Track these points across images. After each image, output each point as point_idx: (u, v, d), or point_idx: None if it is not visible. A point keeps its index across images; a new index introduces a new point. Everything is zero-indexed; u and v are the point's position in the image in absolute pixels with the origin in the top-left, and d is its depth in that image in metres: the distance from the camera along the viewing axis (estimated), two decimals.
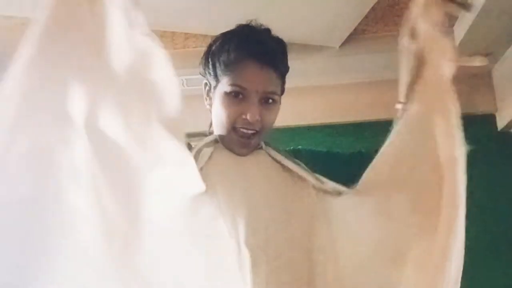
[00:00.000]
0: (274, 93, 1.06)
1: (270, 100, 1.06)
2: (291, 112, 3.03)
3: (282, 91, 1.13)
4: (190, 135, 2.85)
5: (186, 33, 2.62)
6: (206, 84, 1.14)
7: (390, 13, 2.50)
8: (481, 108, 2.92)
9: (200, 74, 1.18)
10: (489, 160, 2.94)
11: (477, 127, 2.96)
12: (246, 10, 2.35)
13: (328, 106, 3.08)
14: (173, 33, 2.61)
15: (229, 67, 1.06)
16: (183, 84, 3.03)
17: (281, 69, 1.08)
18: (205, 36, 2.59)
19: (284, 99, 1.16)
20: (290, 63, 1.11)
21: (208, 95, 1.14)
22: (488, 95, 2.93)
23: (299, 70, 2.99)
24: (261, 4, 2.28)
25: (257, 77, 1.05)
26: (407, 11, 2.51)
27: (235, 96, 1.04)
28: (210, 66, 1.12)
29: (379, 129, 3.04)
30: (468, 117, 2.87)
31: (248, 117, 1.03)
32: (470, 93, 2.97)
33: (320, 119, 3.04)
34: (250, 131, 1.03)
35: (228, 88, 1.04)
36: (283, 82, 1.12)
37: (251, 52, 1.04)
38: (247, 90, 1.03)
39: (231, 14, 2.35)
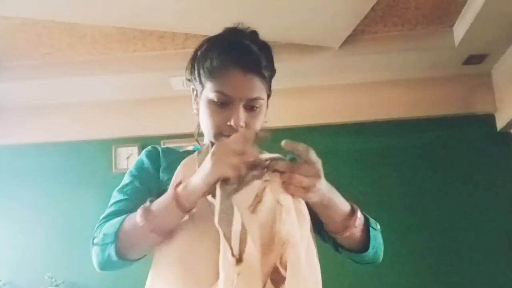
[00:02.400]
0: (258, 98, 1.04)
1: (255, 107, 1.05)
2: (291, 112, 3.03)
3: (269, 95, 1.12)
4: (187, 136, 2.86)
5: (186, 34, 2.63)
6: (193, 89, 1.13)
7: (389, 13, 2.50)
8: (481, 108, 2.94)
9: (186, 79, 1.18)
10: (488, 160, 2.97)
11: (477, 127, 2.97)
12: (246, 10, 2.36)
13: (327, 106, 3.09)
14: (174, 33, 2.61)
15: (212, 74, 1.04)
16: (182, 85, 3.05)
17: (266, 74, 1.06)
18: (205, 36, 2.58)
19: (284, 99, 1.16)
20: (289, 63, 1.11)
21: (195, 100, 1.13)
22: (487, 95, 2.94)
23: (299, 71, 3.00)
24: (260, 5, 2.28)
25: (240, 84, 1.02)
26: (406, 11, 2.53)
27: (220, 105, 1.03)
28: (195, 72, 1.10)
29: (378, 129, 3.08)
30: (468, 117, 2.94)
31: (232, 123, 1.01)
32: (469, 94, 2.98)
33: (320, 119, 3.05)
34: None
35: (212, 95, 1.03)
36: (269, 86, 1.11)
37: (234, 59, 1.01)
38: (231, 97, 1.02)
39: (231, 14, 2.36)
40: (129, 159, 3.05)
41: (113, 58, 2.83)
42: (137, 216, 0.90)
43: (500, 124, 2.88)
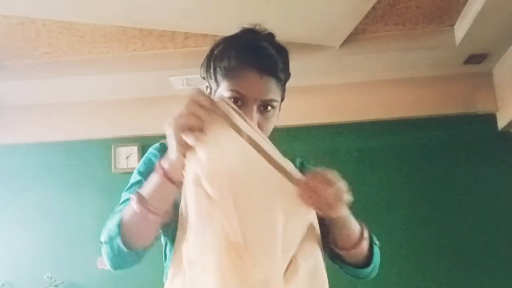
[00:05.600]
0: (273, 100, 1.04)
1: (269, 108, 1.05)
2: (291, 112, 3.01)
3: (282, 98, 1.12)
4: None
5: (186, 33, 2.61)
6: (207, 87, 1.14)
7: (390, 12, 2.49)
8: (482, 107, 2.92)
9: (201, 77, 1.17)
10: (489, 160, 2.95)
11: (478, 126, 2.96)
12: (246, 10, 2.35)
13: (328, 105, 3.08)
14: (173, 32, 2.60)
15: (229, 73, 1.04)
16: (182, 84, 3.04)
17: (281, 77, 1.07)
18: (205, 35, 2.58)
19: (285, 99, 1.15)
20: (290, 62, 1.10)
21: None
22: (488, 94, 2.93)
23: (299, 70, 2.98)
24: (261, 4, 2.27)
25: (256, 86, 1.02)
26: (407, 10, 2.52)
27: (234, 103, 1.03)
28: (211, 70, 1.10)
29: (379, 129, 3.06)
30: (469, 117, 2.93)
31: None
32: (470, 93, 2.97)
33: (320, 118, 3.04)
34: None
35: (227, 93, 1.03)
36: (284, 89, 1.11)
37: (251, 60, 1.02)
38: (245, 97, 1.02)
39: (231, 14, 2.35)
40: (129, 158, 3.04)
41: (112, 57, 2.82)
42: (133, 203, 0.93)
43: (501, 123, 2.87)
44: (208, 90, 1.13)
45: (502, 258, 2.75)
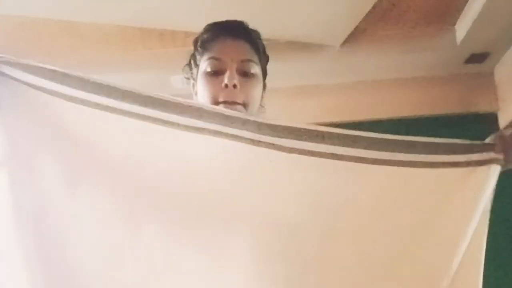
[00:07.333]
0: (250, 61, 1.06)
1: (249, 73, 1.06)
2: (291, 111, 3.02)
3: (265, 75, 1.12)
4: None
5: (186, 32, 2.61)
6: (193, 85, 1.16)
7: (391, 12, 2.49)
8: (483, 107, 2.92)
9: (185, 78, 1.22)
10: None
11: (479, 126, 2.94)
12: (247, 8, 2.34)
13: (328, 105, 3.07)
14: (173, 31, 2.60)
15: (205, 47, 1.09)
16: (183, 83, 3.02)
17: (256, 43, 1.10)
18: None
19: (285, 99, 1.16)
20: (289, 62, 1.12)
21: (194, 89, 1.16)
22: (489, 94, 2.92)
23: (299, 70, 2.98)
24: (262, 3, 2.28)
25: (231, 47, 1.06)
26: (408, 10, 2.52)
27: (214, 73, 1.05)
28: (192, 59, 1.15)
29: (380, 129, 3.05)
30: (470, 116, 2.92)
31: (225, 81, 1.02)
32: (472, 92, 2.96)
33: (320, 118, 3.03)
34: (232, 102, 1.01)
35: (205, 65, 1.06)
36: (263, 62, 1.12)
37: (223, 28, 1.09)
38: (223, 61, 1.04)
39: (232, 12, 2.34)
40: None
41: (113, 57, 2.82)
42: None
43: (502, 122, 2.87)
44: (192, 82, 1.15)
45: (501, 259, 2.75)
